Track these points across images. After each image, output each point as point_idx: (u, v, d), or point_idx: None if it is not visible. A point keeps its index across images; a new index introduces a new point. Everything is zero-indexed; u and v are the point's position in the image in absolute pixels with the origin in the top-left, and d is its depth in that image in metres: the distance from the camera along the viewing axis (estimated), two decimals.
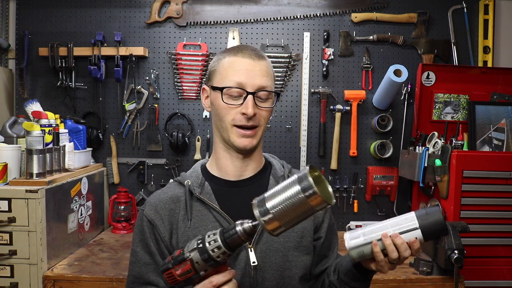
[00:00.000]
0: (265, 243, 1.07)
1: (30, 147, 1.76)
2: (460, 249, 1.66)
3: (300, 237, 1.11)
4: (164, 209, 1.10)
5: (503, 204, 1.95)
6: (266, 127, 1.14)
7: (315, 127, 2.47)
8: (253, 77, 1.06)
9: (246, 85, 1.06)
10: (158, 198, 1.13)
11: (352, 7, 2.45)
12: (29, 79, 2.44)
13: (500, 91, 2.31)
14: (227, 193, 1.13)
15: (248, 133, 1.07)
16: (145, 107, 2.45)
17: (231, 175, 1.14)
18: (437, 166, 2.00)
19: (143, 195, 2.47)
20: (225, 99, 1.07)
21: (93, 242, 2.18)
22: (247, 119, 1.06)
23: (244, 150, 1.10)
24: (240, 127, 1.07)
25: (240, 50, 1.10)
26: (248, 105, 1.05)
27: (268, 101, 1.10)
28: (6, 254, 1.68)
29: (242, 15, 2.44)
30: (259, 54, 1.10)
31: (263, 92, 1.07)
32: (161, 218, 1.09)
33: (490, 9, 2.45)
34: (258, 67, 1.08)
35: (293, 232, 1.09)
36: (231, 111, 1.07)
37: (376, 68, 2.46)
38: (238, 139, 1.08)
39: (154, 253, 1.09)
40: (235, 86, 1.06)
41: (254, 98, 1.06)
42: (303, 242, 1.11)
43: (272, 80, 1.13)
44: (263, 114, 1.09)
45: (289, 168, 1.21)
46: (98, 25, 2.44)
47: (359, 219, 2.46)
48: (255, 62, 1.08)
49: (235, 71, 1.07)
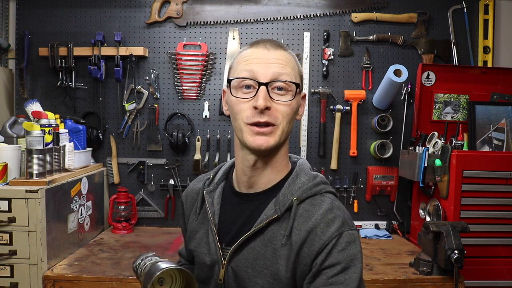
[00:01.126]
0: (236, 267, 0.99)
1: (30, 147, 1.76)
2: (460, 249, 1.66)
3: (273, 278, 0.95)
4: (189, 197, 1.18)
5: (503, 204, 1.95)
6: (290, 128, 0.98)
7: (315, 127, 2.47)
8: (267, 66, 0.93)
9: (258, 74, 0.93)
10: (191, 186, 1.19)
11: (352, 7, 2.45)
12: (29, 79, 2.44)
13: (500, 91, 2.31)
14: (231, 202, 1.06)
15: (263, 130, 0.93)
16: (145, 107, 2.45)
17: (242, 185, 1.04)
18: (437, 166, 2.00)
19: (143, 195, 2.47)
20: (235, 92, 0.96)
21: (93, 242, 2.18)
22: (260, 113, 0.92)
23: (259, 151, 0.95)
24: (254, 125, 0.93)
25: (256, 42, 0.99)
26: (259, 97, 0.91)
27: (288, 94, 0.95)
28: (6, 254, 1.68)
29: (242, 15, 2.44)
30: (276, 44, 0.98)
31: (279, 82, 0.93)
32: (186, 203, 1.18)
33: (490, 9, 2.45)
34: (274, 56, 0.95)
35: (267, 270, 0.95)
36: (243, 106, 0.94)
37: (376, 68, 2.46)
38: (252, 137, 0.94)
39: (182, 227, 1.22)
40: (245, 76, 0.94)
41: (268, 90, 0.93)
42: (275, 286, 0.95)
43: (294, 70, 0.97)
44: (281, 109, 0.94)
45: (305, 195, 0.97)
46: (98, 25, 2.44)
47: (359, 219, 2.47)
48: (270, 51, 0.96)
49: (246, 61, 0.96)
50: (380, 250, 2.13)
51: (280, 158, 1.01)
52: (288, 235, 0.94)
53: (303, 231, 0.93)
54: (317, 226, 0.92)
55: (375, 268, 1.87)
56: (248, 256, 0.97)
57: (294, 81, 0.96)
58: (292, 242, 0.93)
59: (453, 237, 1.69)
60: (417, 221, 2.30)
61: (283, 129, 0.95)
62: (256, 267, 0.96)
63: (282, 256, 0.94)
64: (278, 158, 1.00)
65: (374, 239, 2.32)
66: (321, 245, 0.91)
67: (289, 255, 0.93)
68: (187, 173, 2.47)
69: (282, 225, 0.96)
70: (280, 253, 0.94)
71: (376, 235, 2.34)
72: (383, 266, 1.90)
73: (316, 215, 0.94)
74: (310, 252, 0.92)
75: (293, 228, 0.94)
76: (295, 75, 0.97)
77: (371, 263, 1.92)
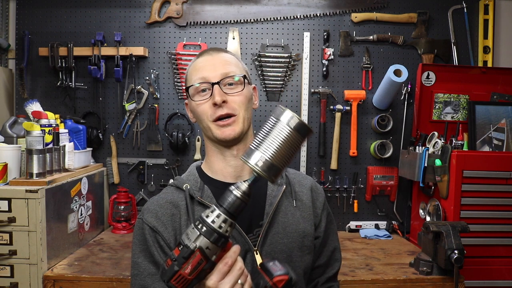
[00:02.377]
0: (270, 245, 1.07)
1: (30, 147, 1.76)
2: (460, 249, 1.66)
3: (302, 237, 1.11)
4: (165, 215, 1.06)
5: (503, 204, 1.95)
6: (250, 114, 1.11)
7: (315, 127, 2.47)
8: (214, 69, 1.08)
9: (209, 77, 1.07)
10: (157, 204, 1.08)
11: (352, 7, 2.45)
12: (29, 79, 2.44)
13: (500, 91, 2.31)
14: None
15: (226, 122, 1.06)
16: (145, 107, 2.45)
17: (229, 177, 1.11)
18: (437, 166, 2.00)
19: (143, 195, 2.47)
20: (195, 97, 1.09)
21: (93, 242, 2.18)
22: (219, 108, 1.05)
23: (229, 141, 1.07)
24: (218, 120, 1.06)
25: (201, 53, 1.14)
26: (215, 94, 1.05)
27: (238, 87, 1.09)
28: (6, 254, 1.68)
29: (242, 15, 2.44)
30: (218, 49, 1.14)
31: (228, 78, 1.07)
32: (164, 223, 1.04)
33: (490, 9, 2.45)
34: (218, 59, 1.10)
35: (295, 232, 1.10)
36: (204, 107, 1.07)
37: (376, 68, 2.46)
38: (219, 130, 1.06)
39: (158, 262, 1.02)
40: (199, 81, 1.08)
41: (220, 87, 1.06)
42: (305, 242, 1.12)
43: (238, 67, 1.12)
44: (236, 99, 1.07)
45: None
46: (98, 25, 2.44)
47: (359, 219, 2.47)
48: (214, 56, 1.11)
49: (197, 69, 1.10)
50: (380, 250, 2.13)
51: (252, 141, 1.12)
52: (295, 199, 1.14)
53: (306, 191, 1.17)
54: (312, 185, 1.20)
55: (375, 268, 1.87)
56: (277, 229, 1.09)
57: (239, 74, 1.10)
58: (303, 203, 1.15)
59: (453, 237, 1.69)
60: (417, 221, 2.30)
61: (243, 117, 1.08)
62: (288, 234, 1.09)
63: (301, 217, 1.13)
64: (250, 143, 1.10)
65: (374, 239, 2.32)
66: (323, 197, 1.20)
67: (305, 213, 1.14)
68: None
69: (286, 194, 1.14)
70: (297, 215, 1.13)
71: (376, 235, 2.34)
72: (383, 266, 1.90)
73: (302, 178, 1.21)
74: (319, 205, 1.18)
75: (296, 192, 1.16)
76: (240, 70, 1.12)
77: (371, 263, 1.92)
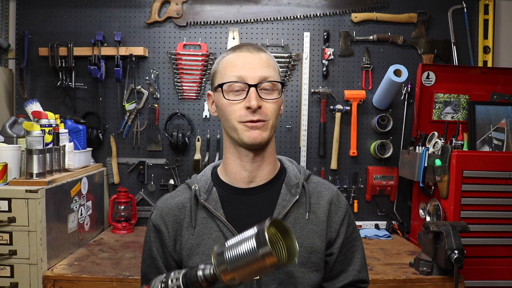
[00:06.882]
0: None
1: (30, 147, 1.76)
2: (460, 249, 1.66)
3: (309, 252, 1.05)
4: (169, 215, 1.09)
5: (503, 204, 1.95)
6: (277, 123, 1.07)
7: (315, 127, 2.47)
8: (253, 69, 1.02)
9: (247, 78, 1.01)
10: (165, 203, 1.12)
11: (352, 7, 2.45)
12: (29, 79, 2.44)
13: (500, 91, 2.31)
14: (235, 200, 1.08)
15: (256, 124, 1.01)
16: (145, 107, 2.45)
17: (241, 182, 1.08)
18: (437, 166, 2.00)
19: (143, 195, 2.47)
20: (227, 95, 1.03)
21: (93, 242, 2.18)
22: (252, 113, 1.00)
23: (255, 145, 1.03)
24: (247, 123, 1.02)
25: (238, 47, 1.08)
26: (251, 98, 1.00)
27: (274, 93, 1.04)
28: (6, 254, 1.68)
29: (242, 15, 2.44)
30: (257, 47, 1.07)
31: (266, 83, 1.02)
32: (166, 224, 1.09)
33: (490, 9, 2.45)
34: (258, 59, 1.04)
35: (301, 247, 1.04)
36: (235, 107, 1.02)
37: (376, 68, 2.46)
38: (247, 132, 1.01)
39: (155, 257, 1.10)
40: (236, 80, 1.02)
41: (257, 90, 1.01)
42: (312, 259, 1.06)
43: (276, 71, 1.07)
44: (270, 106, 1.03)
45: (306, 175, 1.13)
46: (98, 25, 2.44)
47: (359, 219, 2.46)
48: (254, 54, 1.05)
49: (234, 66, 1.04)
50: (380, 250, 2.13)
51: (272, 150, 1.11)
52: (309, 211, 1.07)
53: (323, 203, 1.09)
54: (333, 197, 1.11)
55: (375, 268, 1.87)
56: None
57: (278, 80, 1.06)
58: (317, 216, 1.08)
59: (453, 237, 1.69)
60: (417, 221, 2.30)
61: (272, 124, 1.05)
62: None
63: (311, 231, 1.06)
64: (271, 150, 1.10)
65: (374, 239, 2.32)
66: (344, 212, 1.11)
67: (318, 228, 1.07)
68: (187, 173, 2.47)
69: (299, 205, 1.08)
70: (307, 229, 1.06)
71: (376, 235, 2.34)
72: (383, 266, 1.90)
73: (325, 189, 1.12)
74: (337, 220, 1.09)
75: (311, 204, 1.09)
76: (277, 75, 1.07)
77: (371, 263, 1.92)
